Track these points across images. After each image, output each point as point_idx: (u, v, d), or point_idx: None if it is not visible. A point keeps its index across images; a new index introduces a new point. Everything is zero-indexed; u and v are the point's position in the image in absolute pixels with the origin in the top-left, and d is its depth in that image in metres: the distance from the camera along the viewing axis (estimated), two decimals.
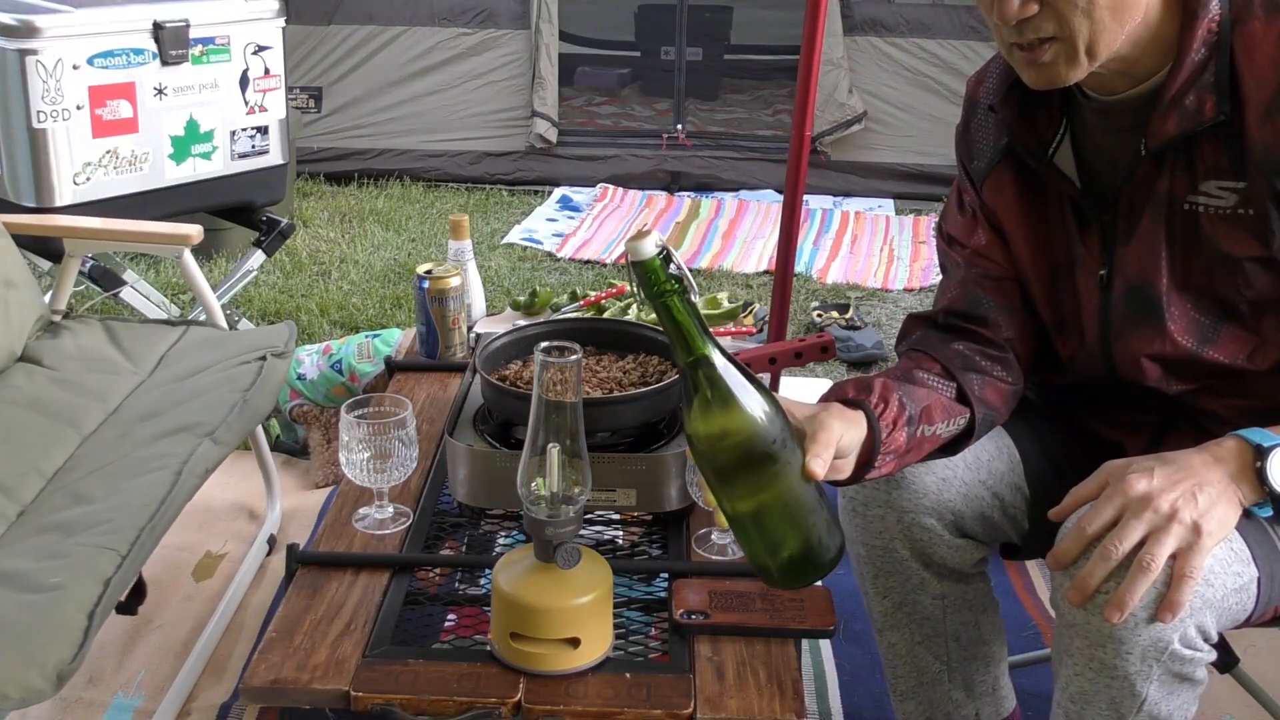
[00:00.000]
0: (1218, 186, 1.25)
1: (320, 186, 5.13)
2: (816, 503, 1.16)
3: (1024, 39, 1.21)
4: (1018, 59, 1.26)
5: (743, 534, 1.16)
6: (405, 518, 1.44)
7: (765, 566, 1.17)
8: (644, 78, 6.26)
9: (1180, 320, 1.32)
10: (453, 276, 1.85)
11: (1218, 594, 1.19)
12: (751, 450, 1.12)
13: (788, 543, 1.15)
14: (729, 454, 1.12)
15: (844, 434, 1.21)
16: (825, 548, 1.16)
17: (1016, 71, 1.29)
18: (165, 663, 2.02)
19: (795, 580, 1.17)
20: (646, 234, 1.09)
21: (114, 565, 1.42)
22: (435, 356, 1.88)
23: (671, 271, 1.10)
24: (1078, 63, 1.21)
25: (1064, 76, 1.23)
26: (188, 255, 2.31)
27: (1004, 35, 1.24)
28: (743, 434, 1.11)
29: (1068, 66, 1.22)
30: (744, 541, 1.17)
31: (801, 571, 1.16)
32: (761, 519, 1.14)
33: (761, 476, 1.12)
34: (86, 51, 2.72)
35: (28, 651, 1.37)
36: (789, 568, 1.16)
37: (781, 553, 1.15)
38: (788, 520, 1.14)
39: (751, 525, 1.15)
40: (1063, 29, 1.19)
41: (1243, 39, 1.22)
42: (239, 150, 3.10)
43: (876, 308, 3.90)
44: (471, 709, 1.14)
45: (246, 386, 1.94)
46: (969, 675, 1.56)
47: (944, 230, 1.53)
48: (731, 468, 1.12)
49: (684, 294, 1.10)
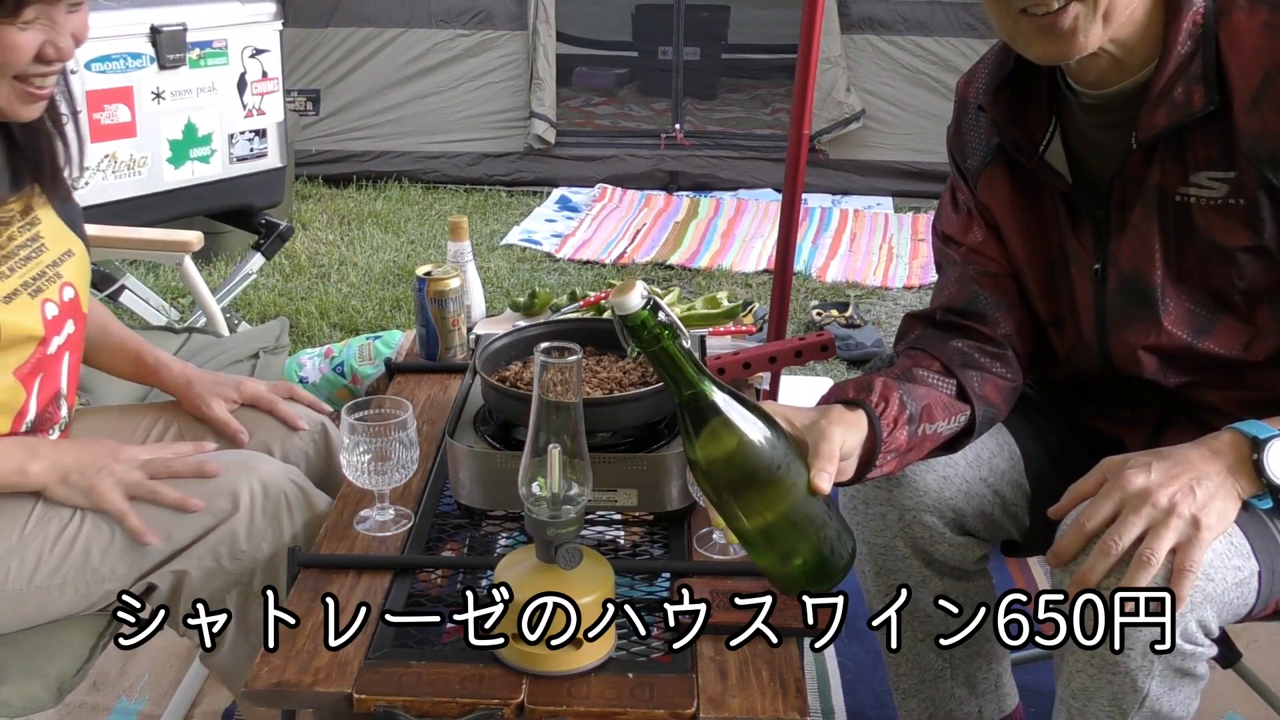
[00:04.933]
0: (1208, 177, 1.25)
1: (319, 189, 5.13)
2: (825, 515, 1.17)
3: (1047, 3, 1.19)
4: (1025, 30, 1.23)
5: (755, 551, 1.17)
6: (406, 520, 1.44)
7: (779, 578, 1.18)
8: (642, 78, 6.26)
9: (1175, 312, 1.32)
10: (452, 278, 1.85)
11: (1218, 588, 1.19)
12: (755, 477, 1.12)
13: (800, 555, 1.16)
14: (734, 482, 1.13)
15: (845, 439, 1.21)
16: (838, 555, 1.17)
17: (1020, 48, 1.28)
18: (169, 667, 2.02)
19: (811, 589, 1.18)
20: (630, 286, 1.09)
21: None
22: (435, 358, 1.88)
23: (661, 319, 1.10)
24: (1095, 26, 1.20)
25: (1081, 44, 1.21)
26: (188, 261, 2.31)
27: (1014, 3, 1.22)
28: (746, 463, 1.12)
29: (1086, 32, 1.20)
30: (757, 557, 1.17)
31: (816, 581, 1.17)
32: (772, 538, 1.15)
33: (768, 499, 1.13)
34: (84, 56, 2.73)
35: (32, 662, 1.37)
36: (803, 579, 1.17)
37: (794, 564, 1.16)
38: (798, 536, 1.15)
39: (763, 543, 1.15)
40: None
41: (1227, 30, 1.23)
42: (237, 153, 3.10)
43: (876, 306, 3.90)
44: (474, 710, 1.14)
45: None
46: (971, 673, 1.56)
47: (939, 229, 1.53)
48: (737, 494, 1.13)
49: (675, 339, 1.11)
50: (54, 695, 1.37)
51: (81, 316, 1.50)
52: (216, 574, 1.39)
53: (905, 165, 5.07)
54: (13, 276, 1.38)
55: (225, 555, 1.39)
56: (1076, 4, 1.19)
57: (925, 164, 4.97)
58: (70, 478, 1.39)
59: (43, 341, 1.41)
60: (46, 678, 1.37)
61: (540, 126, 5.13)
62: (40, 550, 1.36)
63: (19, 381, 1.39)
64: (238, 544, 1.39)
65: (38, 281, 1.42)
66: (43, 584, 1.36)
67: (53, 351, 1.43)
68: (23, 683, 1.35)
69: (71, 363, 1.49)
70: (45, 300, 1.41)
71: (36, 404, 1.43)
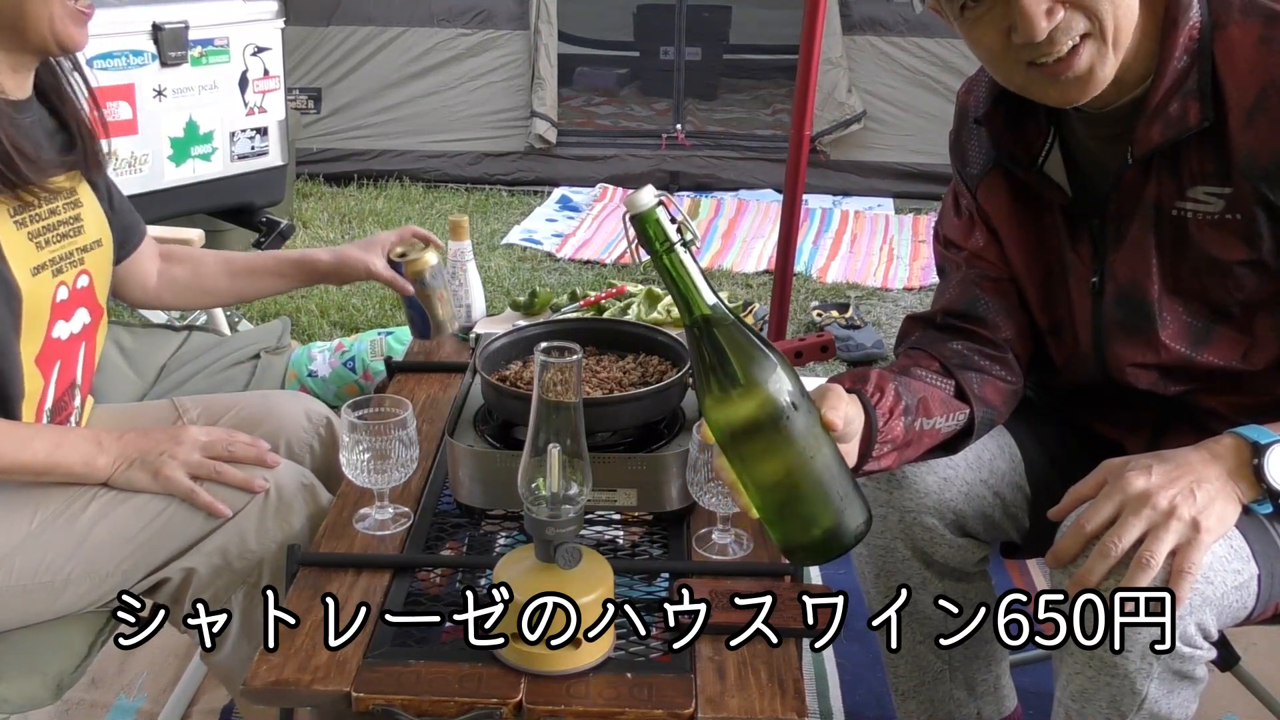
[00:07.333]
0: (1204, 192, 1.25)
1: (320, 187, 5.13)
2: (842, 466, 1.12)
3: (1058, 48, 1.19)
4: (1038, 80, 1.23)
5: (765, 500, 1.12)
6: (406, 519, 1.44)
7: (794, 540, 1.13)
8: (643, 78, 6.27)
9: (1172, 326, 1.32)
10: (429, 252, 1.80)
11: (1217, 591, 1.19)
12: (767, 406, 1.08)
13: (813, 506, 1.10)
14: (746, 411, 1.08)
15: (848, 411, 1.20)
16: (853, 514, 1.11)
17: (1035, 96, 1.27)
18: (168, 665, 2.02)
19: (825, 550, 1.13)
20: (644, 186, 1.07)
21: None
22: (429, 336, 1.85)
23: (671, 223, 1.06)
24: (1108, 58, 1.20)
25: (1100, 80, 1.21)
26: None
27: (1020, 58, 1.22)
28: (758, 390, 1.07)
29: (1101, 66, 1.20)
30: (766, 510, 1.12)
31: (829, 542, 1.12)
32: (782, 479, 1.10)
33: (780, 434, 1.08)
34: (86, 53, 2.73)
35: (30, 659, 1.37)
36: (819, 537, 1.11)
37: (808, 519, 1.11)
38: (810, 479, 1.10)
39: (771, 491, 1.11)
40: (1093, 20, 1.18)
41: (1223, 45, 1.22)
42: (238, 151, 3.10)
43: (876, 307, 3.90)
44: (473, 709, 1.14)
45: (242, 387, 1.95)
46: (970, 674, 1.56)
47: (941, 233, 1.53)
48: (749, 426, 1.08)
49: (686, 246, 1.06)
50: (52, 692, 1.37)
51: (98, 308, 1.51)
52: (223, 571, 1.39)
53: (906, 166, 5.07)
54: (44, 250, 1.40)
55: (234, 554, 1.39)
56: (1087, 42, 1.19)
57: (926, 165, 4.97)
58: (134, 464, 1.42)
59: (49, 324, 1.41)
60: (45, 675, 1.37)
61: (541, 126, 5.13)
62: (47, 546, 1.37)
63: (37, 368, 1.40)
64: (246, 543, 1.40)
65: (61, 262, 1.43)
66: (49, 580, 1.37)
67: (64, 338, 1.43)
68: (21, 680, 1.35)
69: (87, 353, 1.50)
70: (60, 282, 1.42)
71: (54, 391, 1.43)
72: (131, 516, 1.40)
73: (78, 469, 1.40)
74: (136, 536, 1.39)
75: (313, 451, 1.63)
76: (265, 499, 1.42)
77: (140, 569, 1.39)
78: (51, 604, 1.39)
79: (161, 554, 1.40)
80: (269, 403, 1.66)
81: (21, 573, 1.36)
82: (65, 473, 1.40)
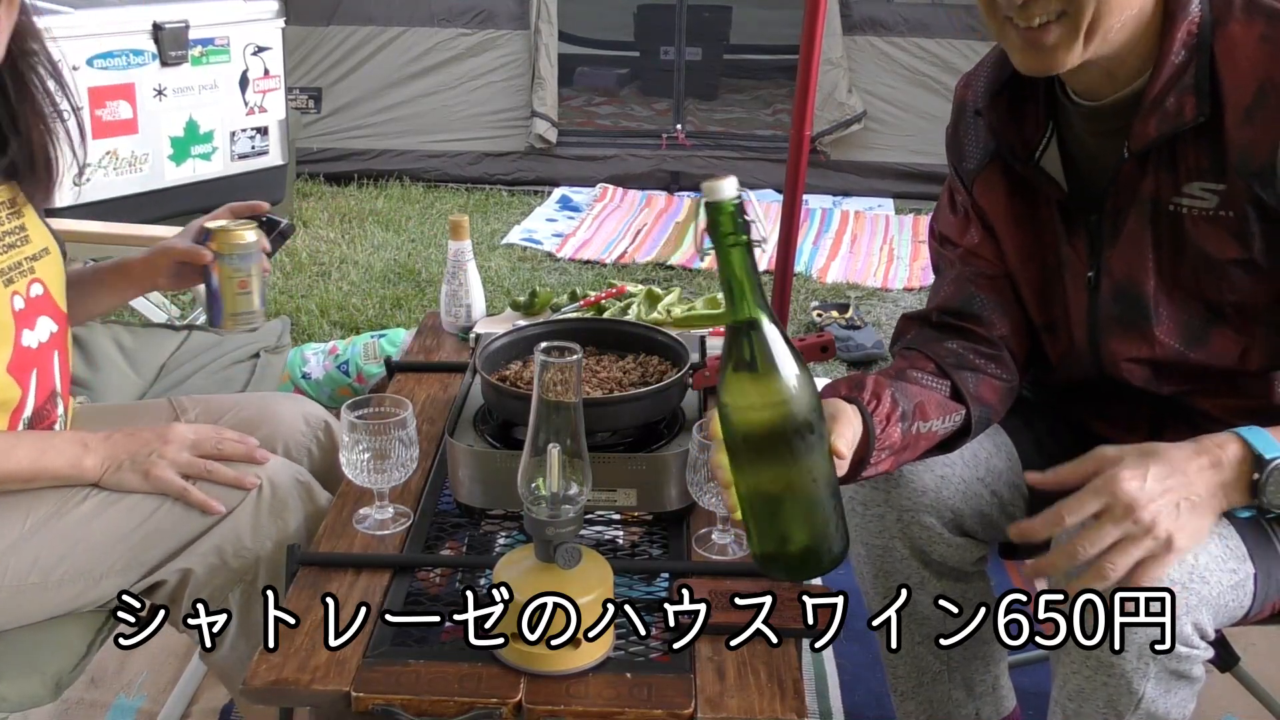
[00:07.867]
0: (1200, 188, 1.25)
1: (320, 187, 5.13)
2: (836, 491, 1.13)
3: (1029, 18, 1.19)
4: (1012, 38, 1.23)
5: (756, 507, 1.12)
6: (405, 518, 1.44)
7: (769, 550, 1.13)
8: (643, 78, 6.27)
9: (1168, 322, 1.32)
10: (247, 230, 1.62)
11: (1214, 591, 1.19)
12: (789, 421, 1.07)
13: (799, 525, 1.11)
14: (766, 419, 1.08)
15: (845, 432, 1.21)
16: (834, 540, 1.13)
17: (1007, 52, 1.27)
18: (167, 664, 2.03)
19: (799, 569, 1.14)
20: (726, 175, 1.06)
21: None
22: (217, 324, 1.65)
23: (743, 220, 1.06)
24: (1075, 45, 1.20)
25: (1060, 61, 1.21)
26: None
27: (1003, 10, 1.22)
28: (785, 404, 1.07)
29: (1066, 49, 1.20)
30: (753, 516, 1.12)
31: (805, 562, 1.13)
32: (780, 492, 1.10)
33: (791, 451, 1.08)
34: (86, 52, 2.73)
35: (29, 658, 1.37)
36: (796, 555, 1.12)
37: (792, 535, 1.11)
38: (805, 499, 1.10)
39: (765, 500, 1.11)
40: (1069, 3, 1.18)
41: (1223, 41, 1.22)
42: (239, 151, 3.10)
43: (876, 307, 3.90)
44: (472, 709, 1.14)
45: (241, 387, 1.95)
46: (969, 674, 1.56)
47: (936, 230, 1.53)
48: (764, 434, 1.08)
49: (750, 246, 1.07)
50: (51, 691, 1.37)
51: (62, 316, 1.49)
52: (220, 571, 1.39)
53: (906, 167, 5.08)
54: None
55: (230, 552, 1.39)
56: (1060, 22, 1.19)
57: (926, 165, 4.97)
58: (124, 465, 1.41)
59: (15, 333, 1.40)
60: (44, 674, 1.37)
61: (541, 126, 5.14)
62: (41, 547, 1.37)
63: (11, 377, 1.39)
64: (242, 541, 1.39)
65: (11, 272, 1.41)
66: (41, 581, 1.36)
67: (33, 347, 1.43)
68: (20, 679, 1.35)
69: (61, 361, 1.49)
70: (14, 293, 1.40)
71: (35, 400, 1.43)
72: (124, 516, 1.40)
73: (65, 472, 1.39)
74: (130, 536, 1.39)
75: (311, 455, 1.63)
76: (259, 496, 1.42)
77: (135, 569, 1.39)
78: (46, 604, 1.38)
79: (156, 553, 1.40)
80: (267, 405, 1.66)
81: (15, 573, 1.36)
82: (52, 477, 1.39)
